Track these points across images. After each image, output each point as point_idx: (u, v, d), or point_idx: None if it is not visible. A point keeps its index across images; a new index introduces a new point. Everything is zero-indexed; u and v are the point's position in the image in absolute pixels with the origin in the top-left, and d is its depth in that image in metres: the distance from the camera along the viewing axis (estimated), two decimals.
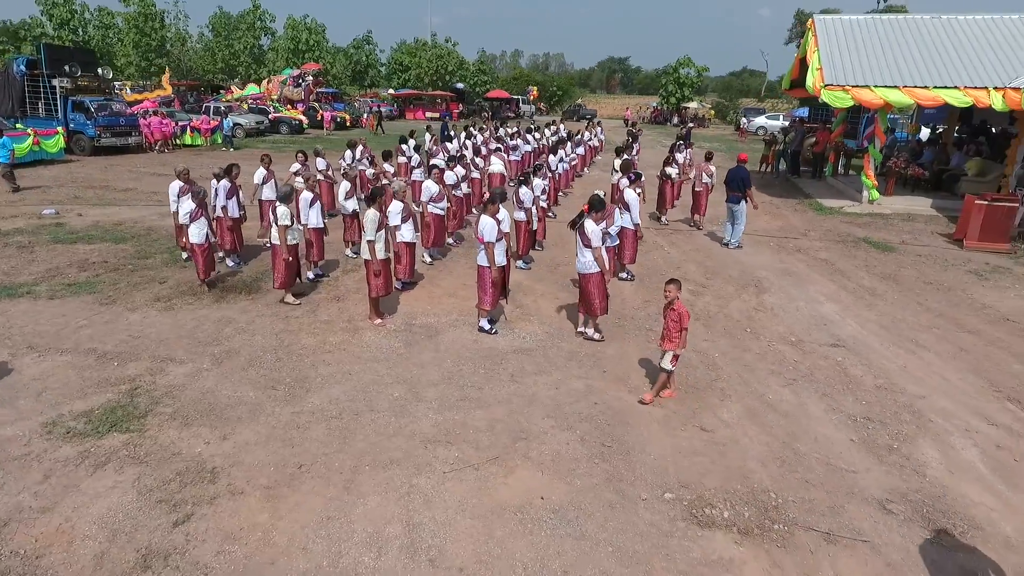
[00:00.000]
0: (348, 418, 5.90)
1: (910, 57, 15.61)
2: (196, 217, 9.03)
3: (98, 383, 6.38)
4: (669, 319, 6.09)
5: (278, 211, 8.33)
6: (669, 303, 6.10)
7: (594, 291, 7.31)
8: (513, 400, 6.31)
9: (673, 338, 6.06)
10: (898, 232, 13.89)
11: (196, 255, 9.10)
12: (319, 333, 7.74)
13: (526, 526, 4.57)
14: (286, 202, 8.46)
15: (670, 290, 6.09)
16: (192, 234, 8.97)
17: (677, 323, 6.02)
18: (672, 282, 6.14)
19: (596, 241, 7.08)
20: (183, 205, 9.08)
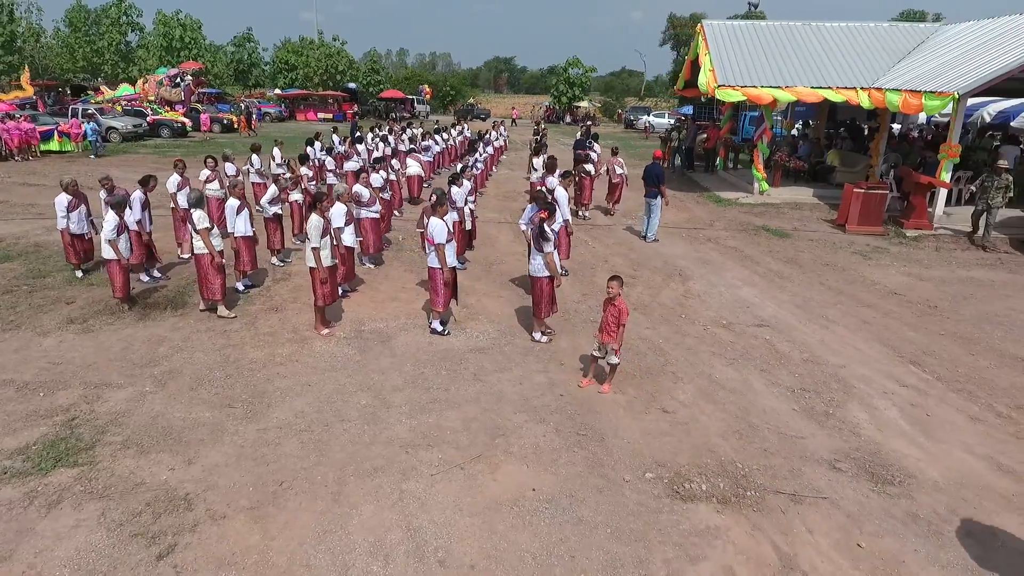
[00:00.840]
0: (319, 430, 5.75)
1: (789, 59, 17.14)
2: (122, 230, 8.38)
3: (26, 417, 5.79)
4: (609, 313, 6.39)
5: (194, 216, 7.89)
6: (611, 298, 6.38)
7: (541, 294, 7.50)
8: (481, 398, 6.40)
9: (611, 332, 6.36)
10: (789, 220, 15.23)
11: (116, 271, 8.41)
12: (265, 346, 7.42)
13: (524, 518, 4.70)
14: (200, 206, 8.00)
15: (612, 286, 6.35)
16: (122, 249, 8.29)
17: (616, 318, 6.32)
18: (615, 279, 6.42)
19: (550, 247, 7.27)
20: (108, 218, 8.32)
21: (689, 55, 20.15)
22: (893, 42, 17.61)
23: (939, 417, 6.30)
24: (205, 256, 7.96)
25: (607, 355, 6.47)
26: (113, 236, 8.30)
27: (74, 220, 9.56)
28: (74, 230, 9.60)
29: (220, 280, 8.06)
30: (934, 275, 11.11)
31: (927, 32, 17.87)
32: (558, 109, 55.54)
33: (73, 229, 9.58)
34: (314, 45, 53.93)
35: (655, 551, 4.40)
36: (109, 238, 8.30)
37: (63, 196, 9.41)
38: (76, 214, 9.57)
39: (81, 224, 9.66)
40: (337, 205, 8.71)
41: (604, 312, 6.47)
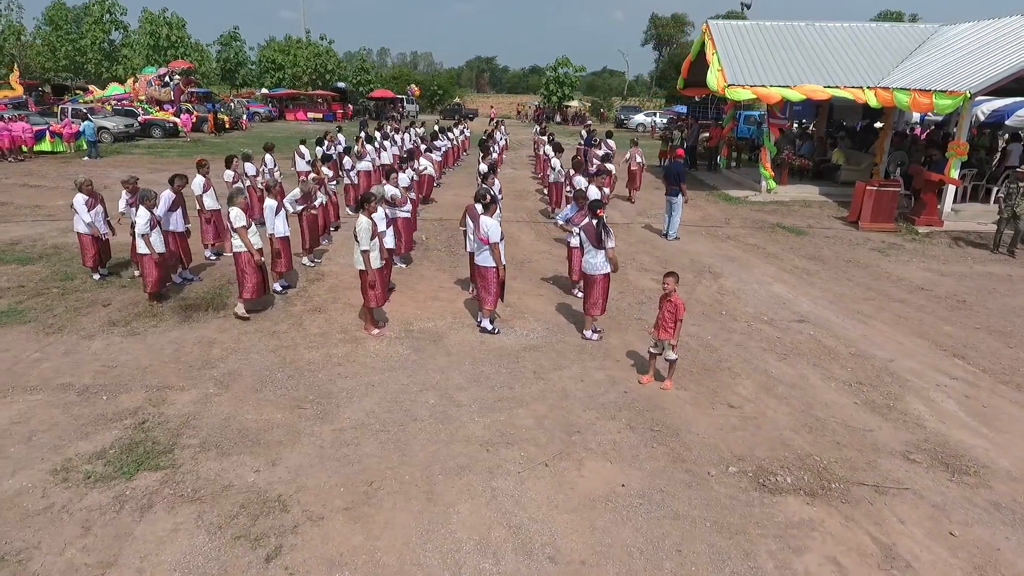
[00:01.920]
0: (395, 430, 5.72)
1: (795, 58, 17.38)
2: (155, 224, 8.28)
3: (94, 420, 5.69)
4: (665, 309, 6.45)
5: (231, 214, 7.78)
6: (666, 294, 6.45)
7: (600, 291, 7.54)
8: (547, 396, 6.41)
9: (668, 328, 6.42)
10: (802, 217, 15.45)
11: (150, 266, 8.32)
12: (318, 347, 7.36)
13: (621, 514, 4.73)
14: (234, 203, 7.89)
15: (669, 282, 6.43)
16: (155, 243, 8.20)
17: (673, 314, 6.38)
18: (671, 275, 6.49)
19: (613, 242, 7.31)
20: (140, 213, 8.23)
21: (690, 55, 20.34)
22: (895, 42, 17.93)
23: (995, 408, 6.44)
24: (244, 254, 7.86)
25: (664, 351, 6.53)
26: (146, 230, 8.24)
27: (92, 220, 9.38)
28: (92, 231, 9.41)
29: (256, 280, 7.96)
30: (954, 270, 11.34)
31: (928, 32, 18.22)
32: (548, 108, 55.59)
33: (91, 230, 9.38)
34: (301, 44, 53.38)
35: (757, 543, 4.46)
36: (142, 232, 8.24)
37: (80, 196, 9.22)
38: (93, 213, 9.40)
39: (100, 224, 9.48)
40: (379, 209, 8.66)
41: (660, 308, 6.51)
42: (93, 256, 9.46)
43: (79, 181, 9.35)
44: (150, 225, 8.32)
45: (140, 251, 8.39)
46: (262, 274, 8.05)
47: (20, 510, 4.55)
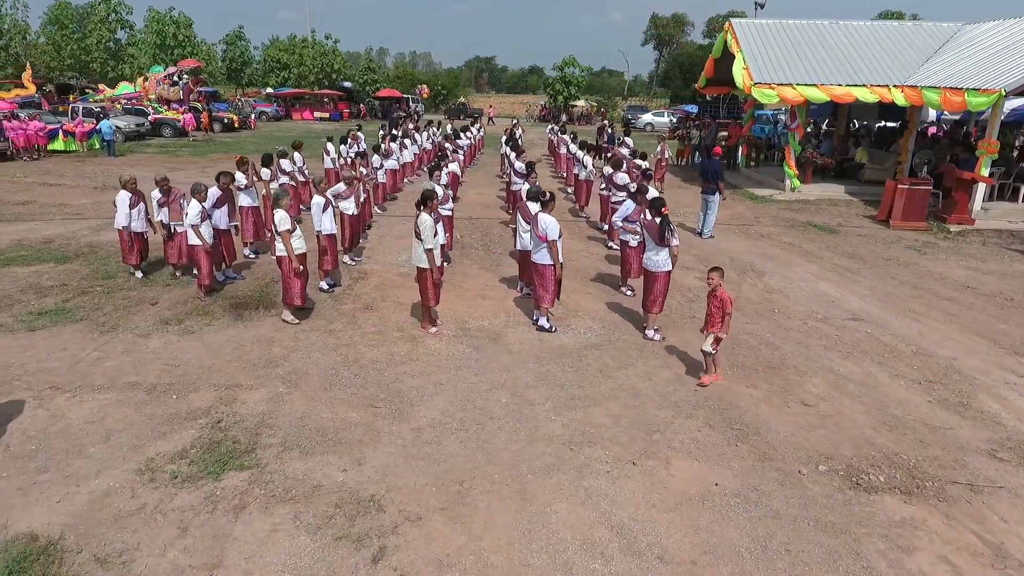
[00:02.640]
0: (474, 428, 5.65)
1: (820, 57, 17.34)
2: (205, 217, 8.21)
3: (169, 420, 5.60)
4: (712, 305, 6.38)
5: (276, 217, 7.60)
6: (712, 290, 6.37)
7: (662, 288, 7.47)
8: (619, 395, 6.34)
9: (715, 323, 6.35)
10: (830, 216, 15.41)
11: (202, 258, 8.27)
12: (378, 345, 7.29)
13: (720, 513, 4.66)
14: (281, 205, 7.74)
15: (713, 277, 6.35)
16: (205, 235, 8.15)
17: (720, 309, 6.32)
18: (715, 270, 6.41)
19: (677, 239, 7.27)
20: (192, 205, 8.18)
21: (713, 54, 20.29)
22: (919, 40, 17.91)
23: None
24: (285, 259, 7.62)
25: (704, 344, 6.46)
26: (196, 221, 8.25)
27: (134, 217, 9.29)
28: (135, 228, 9.31)
29: (299, 285, 7.73)
30: (993, 268, 11.31)
31: (950, 31, 18.20)
32: (553, 108, 55.50)
33: (134, 227, 9.29)
34: (307, 44, 53.22)
35: (864, 543, 4.39)
36: (192, 223, 8.21)
37: (124, 193, 9.14)
38: (136, 211, 9.31)
39: (141, 221, 9.39)
40: None
41: (708, 304, 6.45)
42: (137, 254, 9.38)
43: (124, 179, 9.27)
44: (200, 217, 8.26)
45: (192, 243, 8.35)
46: (304, 281, 7.85)
47: (112, 511, 4.46)
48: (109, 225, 12.63)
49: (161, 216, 9.28)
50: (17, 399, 5.85)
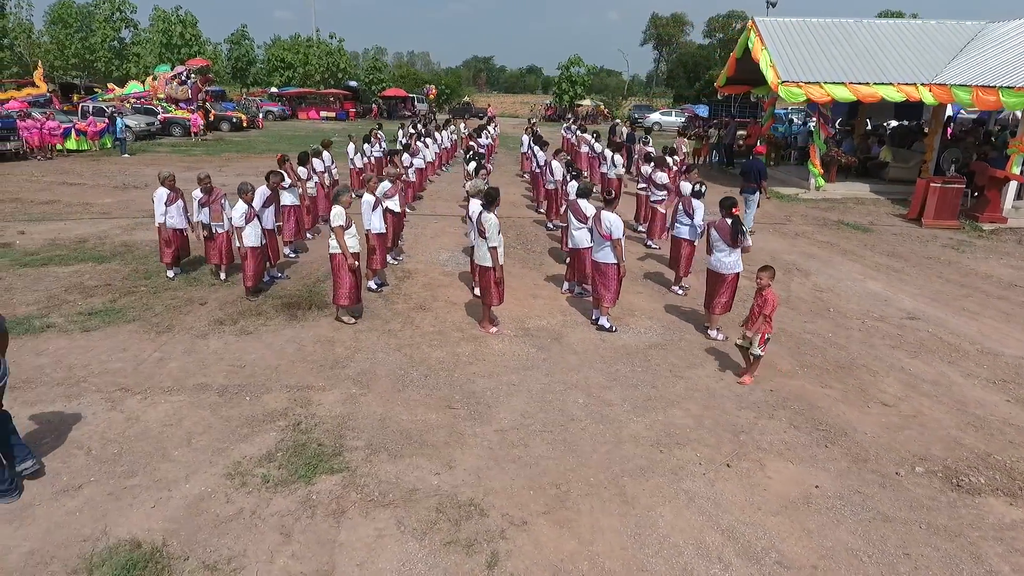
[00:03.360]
0: (557, 430, 5.55)
1: (847, 56, 17.27)
2: (251, 218, 8.08)
3: (248, 422, 5.49)
4: (756, 304, 6.28)
5: (332, 212, 7.51)
6: (760, 289, 6.26)
7: (730, 290, 7.39)
8: (695, 395, 6.25)
9: (754, 320, 6.25)
10: (860, 215, 15.34)
11: (248, 260, 8.16)
12: (441, 345, 7.18)
13: (828, 516, 4.57)
14: (338, 201, 7.64)
15: (762, 277, 6.22)
16: (247, 236, 8.03)
17: (761, 308, 6.20)
18: (765, 269, 6.28)
19: (749, 241, 7.19)
20: (237, 206, 8.06)
21: (735, 52, 20.19)
22: (943, 38, 17.86)
23: None
24: (339, 256, 7.49)
25: (752, 346, 6.33)
26: (241, 223, 8.06)
27: (173, 215, 9.14)
28: (173, 224, 9.16)
29: (350, 284, 7.58)
30: None
31: (974, 30, 18.15)
32: (560, 107, 55.42)
33: (172, 224, 9.14)
34: (312, 43, 53.02)
35: (982, 546, 4.30)
36: (237, 224, 8.07)
37: (161, 190, 9.01)
38: (175, 208, 9.16)
39: (180, 219, 9.24)
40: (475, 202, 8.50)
41: (754, 302, 6.36)
42: (172, 253, 9.22)
43: (163, 175, 9.12)
44: (246, 218, 8.12)
45: (237, 243, 8.23)
46: (357, 279, 7.71)
47: (210, 516, 4.35)
48: (140, 224, 12.58)
49: (201, 216, 9.13)
50: (88, 401, 5.72)
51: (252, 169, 20.85)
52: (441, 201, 15.81)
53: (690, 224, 8.68)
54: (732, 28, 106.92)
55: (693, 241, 8.77)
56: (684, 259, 8.84)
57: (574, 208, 8.63)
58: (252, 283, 8.38)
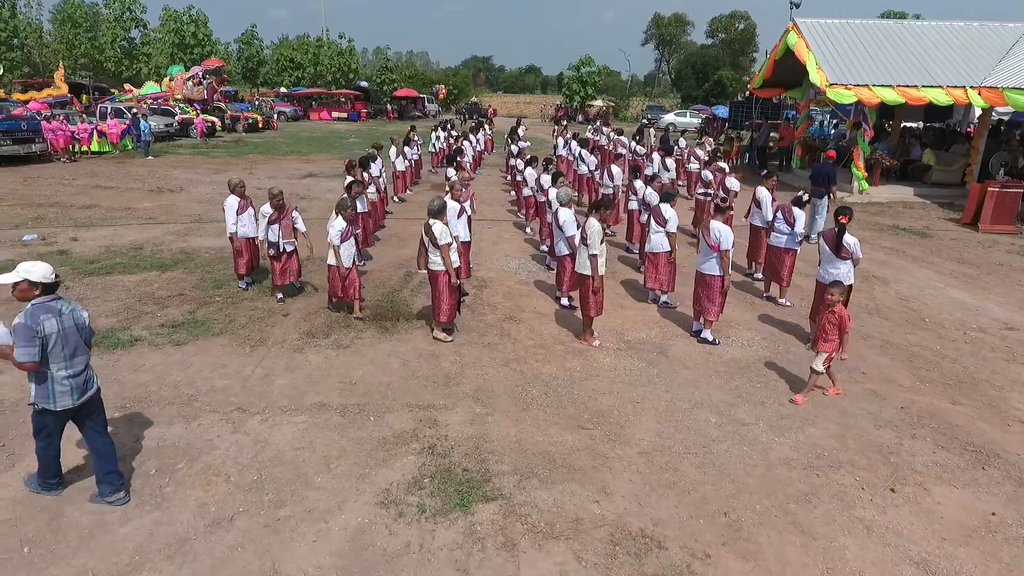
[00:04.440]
0: (701, 452, 5.33)
1: (891, 58, 17.09)
2: (347, 236, 7.79)
3: (381, 444, 5.25)
4: (827, 321, 6.06)
5: (435, 229, 7.10)
6: (831, 305, 6.05)
7: None
8: (826, 412, 6.04)
9: (830, 339, 6.04)
10: (912, 219, 15.16)
11: (335, 278, 7.82)
12: (547, 360, 6.95)
13: (1019, 546, 4.36)
14: (439, 216, 7.34)
15: (834, 292, 6.05)
16: (346, 256, 7.72)
17: (836, 326, 6.00)
18: (836, 284, 6.14)
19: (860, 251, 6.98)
20: (335, 223, 7.75)
21: (773, 54, 19.98)
22: (988, 41, 17.69)
23: None
24: (442, 274, 7.20)
25: (814, 360, 6.17)
26: (338, 242, 7.69)
27: (245, 223, 8.78)
28: (245, 233, 8.83)
29: (452, 301, 7.32)
30: None
31: (1019, 32, 17.98)
32: (570, 108, 55.19)
33: (244, 232, 8.81)
34: (322, 43, 52.68)
35: None
36: (334, 243, 7.68)
37: (232, 198, 8.64)
38: (247, 216, 8.80)
39: (252, 227, 8.88)
40: (566, 210, 8.26)
41: (821, 319, 6.16)
42: (246, 263, 8.92)
43: (233, 182, 8.73)
44: (342, 237, 7.74)
45: (330, 261, 7.82)
46: (457, 295, 7.46)
47: (378, 550, 4.11)
48: (191, 230, 12.34)
49: (269, 233, 8.33)
50: (208, 422, 5.48)
51: (282, 172, 20.63)
52: (485, 205, 15.56)
53: (789, 233, 8.46)
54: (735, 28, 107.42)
55: (794, 251, 8.55)
56: (786, 270, 8.61)
57: (655, 213, 8.42)
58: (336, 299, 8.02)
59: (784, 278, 8.65)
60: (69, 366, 4.15)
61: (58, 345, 4.07)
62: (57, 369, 4.10)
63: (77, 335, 4.20)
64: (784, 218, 8.55)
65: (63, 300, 4.21)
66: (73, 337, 4.16)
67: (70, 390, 4.17)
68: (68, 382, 4.15)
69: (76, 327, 4.20)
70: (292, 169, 21.43)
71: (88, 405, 4.32)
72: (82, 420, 4.36)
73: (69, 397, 4.18)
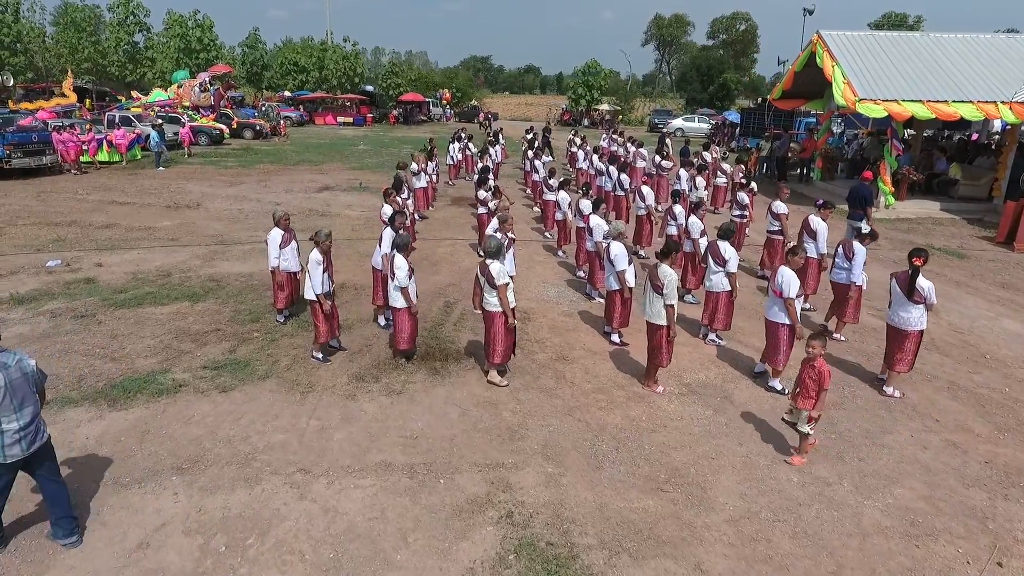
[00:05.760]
0: (790, 519, 5.07)
1: (918, 72, 16.86)
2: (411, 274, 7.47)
3: (456, 513, 4.99)
4: (807, 375, 5.63)
5: (492, 269, 6.76)
6: (811, 359, 5.66)
7: (913, 347, 6.92)
8: (909, 469, 5.80)
9: (810, 396, 5.63)
10: (944, 237, 14.93)
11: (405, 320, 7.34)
12: (609, 407, 6.69)
13: None
14: (497, 256, 6.97)
15: (815, 345, 5.62)
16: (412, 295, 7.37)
17: (816, 382, 5.59)
18: (817, 337, 5.69)
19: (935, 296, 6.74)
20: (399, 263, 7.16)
21: (794, 65, 19.77)
22: (1015, 53, 17.46)
23: None
24: (498, 315, 6.86)
25: (799, 422, 5.74)
26: (406, 283, 7.15)
27: (288, 258, 8.48)
28: (288, 268, 8.53)
29: (509, 343, 7.02)
30: None
31: None
32: (576, 111, 54.93)
33: (287, 267, 8.51)
34: (326, 47, 52.30)
35: None
36: (402, 285, 7.12)
37: (276, 232, 8.31)
38: (289, 250, 8.48)
39: (295, 261, 8.59)
40: (617, 244, 8.01)
41: (801, 373, 5.72)
42: (286, 297, 8.62)
43: (277, 215, 8.43)
44: (409, 275, 7.21)
45: (395, 304, 7.32)
46: (514, 336, 7.13)
47: None
48: (216, 254, 12.08)
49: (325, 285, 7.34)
50: (271, 487, 5.22)
51: (297, 185, 20.33)
52: None
53: (848, 268, 8.21)
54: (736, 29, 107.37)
55: (858, 286, 8.28)
56: (851, 305, 8.34)
57: (713, 250, 8.17)
58: (407, 346, 7.52)
59: (846, 312, 8.38)
60: (19, 417, 4.16)
61: (6, 398, 4.08)
62: (7, 422, 4.11)
63: (26, 385, 4.21)
64: (844, 253, 8.30)
65: (8, 352, 4.21)
66: (21, 388, 4.17)
67: (19, 441, 4.18)
68: (17, 434, 4.17)
69: (24, 377, 4.21)
70: (307, 181, 21.14)
71: (39, 453, 4.36)
72: (33, 468, 4.38)
73: (18, 447, 4.19)
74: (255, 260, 11.65)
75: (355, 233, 13.96)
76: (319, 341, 7.47)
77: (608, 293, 8.26)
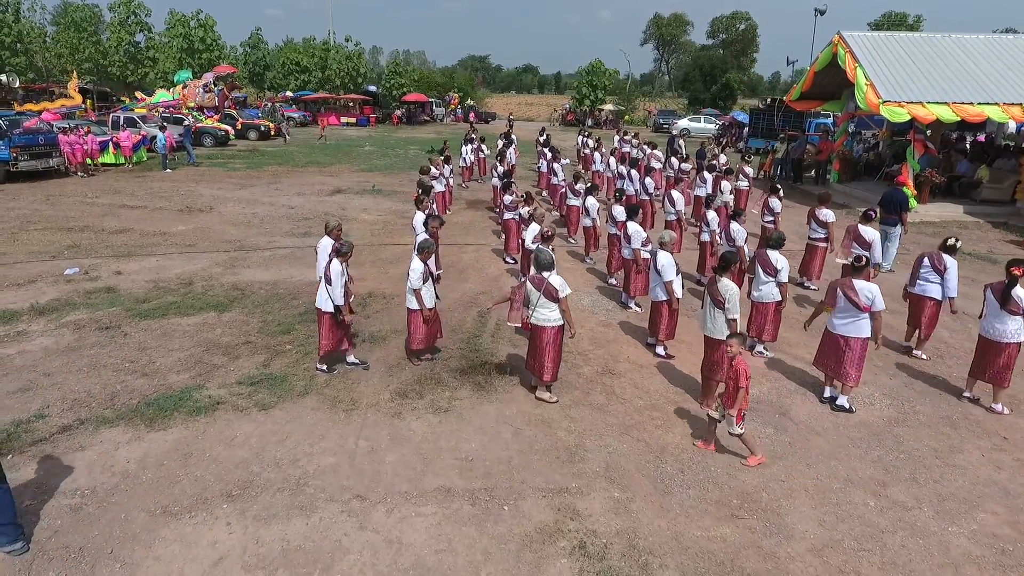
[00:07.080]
0: (875, 548, 4.83)
1: (943, 73, 16.66)
2: (427, 277, 7.28)
3: (526, 543, 4.73)
4: (728, 377, 5.60)
5: (554, 281, 6.50)
6: (731, 357, 5.56)
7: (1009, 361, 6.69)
8: (987, 492, 5.56)
9: (731, 395, 5.57)
10: (973, 242, 14.71)
11: (418, 323, 7.30)
12: (666, 426, 6.44)
13: None
14: (552, 268, 6.68)
15: (732, 344, 5.56)
16: (426, 298, 7.20)
17: (734, 380, 5.52)
18: (736, 336, 5.68)
19: None
20: (414, 265, 7.18)
21: (814, 66, 19.54)
22: None
23: None
24: (548, 329, 6.60)
25: (729, 427, 5.67)
26: (419, 285, 7.14)
27: None
28: None
29: (558, 359, 6.79)
30: None
31: None
32: (579, 112, 54.70)
33: None
34: (329, 47, 51.95)
35: None
36: (415, 287, 7.12)
37: (327, 240, 8.02)
38: None
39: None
40: (665, 254, 7.78)
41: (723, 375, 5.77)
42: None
43: (330, 225, 7.94)
44: (423, 278, 7.27)
45: (410, 306, 7.36)
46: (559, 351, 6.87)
47: None
48: (237, 260, 11.81)
49: None
50: (327, 515, 4.95)
51: (308, 187, 20.07)
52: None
53: (939, 282, 7.93)
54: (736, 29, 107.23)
55: (941, 301, 8.02)
56: (927, 319, 8.09)
57: (761, 259, 7.93)
58: (419, 346, 7.51)
59: (924, 329, 8.12)
60: None
61: None
62: None
63: None
64: (932, 266, 8.01)
65: None
66: None
67: None
68: None
69: None
70: (318, 184, 20.87)
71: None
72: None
73: None
74: (277, 267, 11.40)
75: (375, 239, 13.70)
76: (323, 353, 7.28)
77: (653, 304, 8.01)
